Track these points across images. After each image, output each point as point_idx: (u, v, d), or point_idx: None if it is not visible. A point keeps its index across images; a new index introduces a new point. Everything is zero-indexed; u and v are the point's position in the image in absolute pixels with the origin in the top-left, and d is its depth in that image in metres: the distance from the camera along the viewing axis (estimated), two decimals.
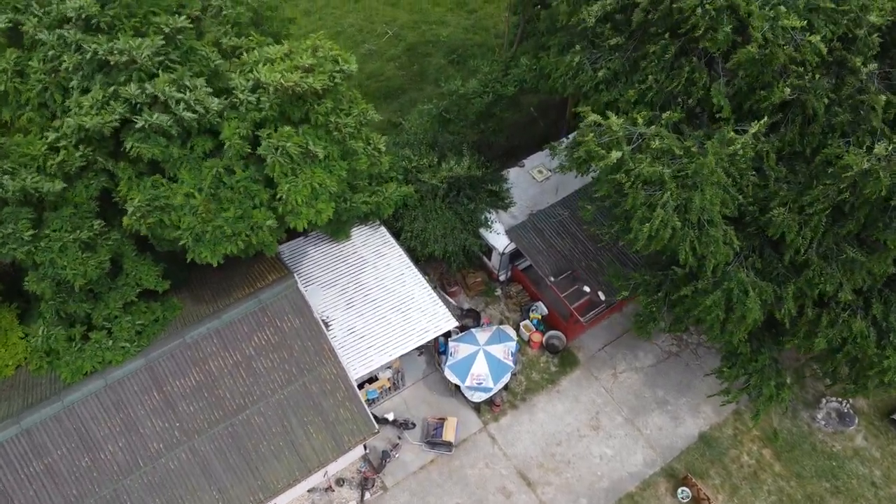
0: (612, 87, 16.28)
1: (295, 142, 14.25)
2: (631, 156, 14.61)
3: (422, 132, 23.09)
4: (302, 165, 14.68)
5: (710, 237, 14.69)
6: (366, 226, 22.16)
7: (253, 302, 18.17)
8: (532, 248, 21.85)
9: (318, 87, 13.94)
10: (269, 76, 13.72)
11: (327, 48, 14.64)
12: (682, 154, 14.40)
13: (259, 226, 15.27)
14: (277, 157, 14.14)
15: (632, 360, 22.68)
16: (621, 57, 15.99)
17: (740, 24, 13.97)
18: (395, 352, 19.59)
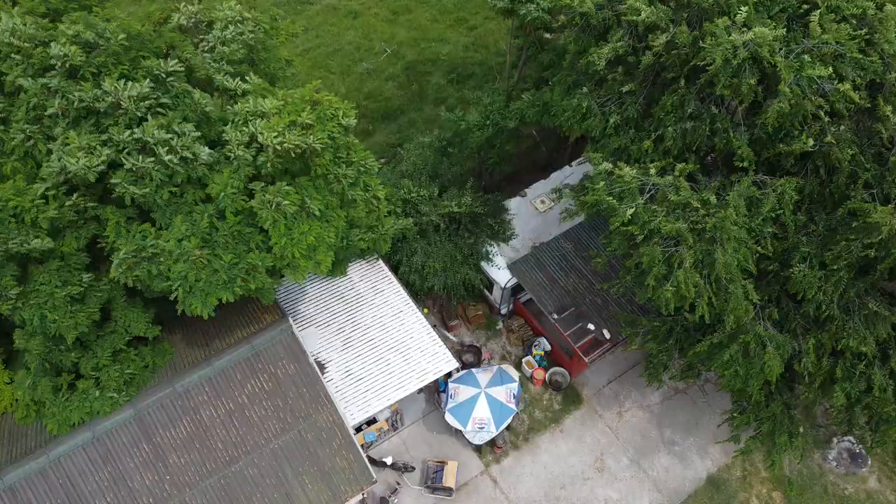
0: (623, 132, 15.61)
1: (291, 199, 13.60)
2: (644, 209, 13.96)
3: (421, 162, 22.46)
4: (298, 220, 14.03)
5: (730, 294, 14.05)
6: (363, 260, 21.52)
7: (246, 348, 17.53)
8: (535, 283, 21.21)
9: (318, 146, 13.30)
10: (268, 136, 13.06)
11: (326, 104, 13.98)
12: (699, 206, 13.74)
13: (256, 268, 14.59)
14: (272, 213, 13.49)
15: (638, 398, 22.05)
16: (634, 103, 15.32)
17: (763, 75, 13.31)
18: (394, 396, 18.97)
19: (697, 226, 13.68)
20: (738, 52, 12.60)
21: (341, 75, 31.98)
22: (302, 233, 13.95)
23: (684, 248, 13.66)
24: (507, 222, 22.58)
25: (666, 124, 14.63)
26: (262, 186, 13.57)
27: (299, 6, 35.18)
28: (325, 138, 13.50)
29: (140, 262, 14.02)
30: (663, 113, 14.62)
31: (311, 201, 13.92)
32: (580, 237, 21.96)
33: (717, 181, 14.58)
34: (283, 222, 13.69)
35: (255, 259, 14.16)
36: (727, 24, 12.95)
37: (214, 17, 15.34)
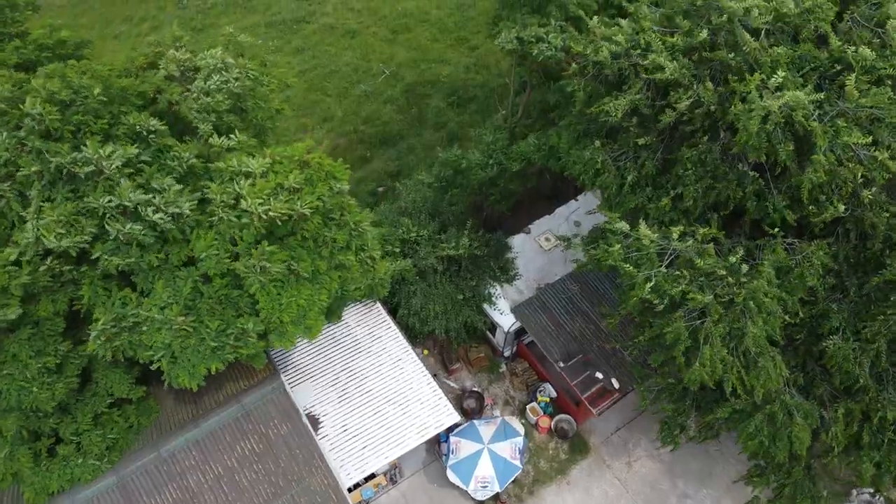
0: (640, 190, 14.61)
1: (277, 261, 12.65)
2: (666, 277, 13.00)
3: (420, 199, 21.50)
4: (287, 284, 13.10)
5: (761, 368, 13.10)
6: (360, 303, 20.59)
7: (236, 408, 16.62)
8: (539, 328, 20.26)
9: (306, 212, 12.35)
10: (253, 204, 12.11)
11: (317, 166, 13.02)
12: (726, 274, 12.77)
13: (246, 333, 13.68)
14: (257, 276, 12.54)
15: (647, 446, 21.09)
16: (651, 157, 14.31)
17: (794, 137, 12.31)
18: (392, 453, 18.02)
19: (725, 297, 12.72)
20: (770, 117, 11.62)
21: (338, 98, 31.03)
22: (291, 297, 13.02)
23: (710, 321, 12.69)
24: (510, 261, 21.63)
25: (686, 182, 13.63)
26: (247, 248, 12.62)
27: (295, 25, 34.24)
28: (314, 202, 12.56)
29: (120, 332, 13.11)
30: (682, 170, 13.62)
31: (300, 264, 12.97)
32: (587, 278, 21.00)
33: (741, 244, 13.60)
34: (270, 286, 12.75)
35: (245, 324, 13.23)
36: (757, 82, 11.96)
37: (199, 65, 14.37)
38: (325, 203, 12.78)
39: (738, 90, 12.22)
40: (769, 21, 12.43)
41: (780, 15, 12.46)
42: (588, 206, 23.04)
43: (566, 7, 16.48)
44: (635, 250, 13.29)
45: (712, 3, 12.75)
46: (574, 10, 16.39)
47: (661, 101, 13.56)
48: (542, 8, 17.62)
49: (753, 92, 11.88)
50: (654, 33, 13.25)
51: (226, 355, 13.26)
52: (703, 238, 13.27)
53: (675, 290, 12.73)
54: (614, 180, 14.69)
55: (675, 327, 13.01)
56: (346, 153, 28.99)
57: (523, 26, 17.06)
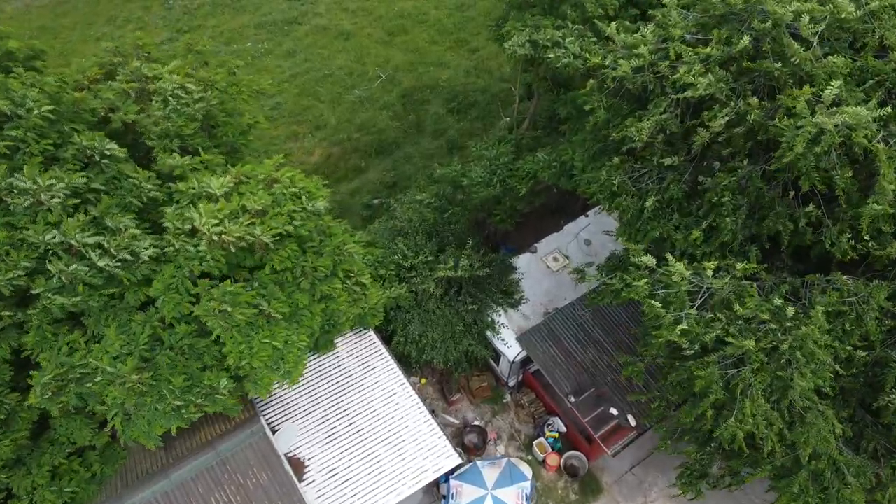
0: (665, 217, 12.84)
1: (243, 302, 10.92)
2: (698, 320, 11.27)
3: (417, 219, 19.76)
4: (256, 327, 11.37)
5: (809, 426, 11.36)
6: (352, 331, 18.84)
7: (210, 455, 14.86)
8: (548, 359, 18.52)
9: (267, 240, 10.60)
10: (205, 223, 10.37)
11: (287, 182, 11.25)
12: (769, 319, 11.04)
13: (215, 391, 12.02)
14: (219, 322, 10.81)
15: (665, 486, 19.33)
16: (677, 180, 12.52)
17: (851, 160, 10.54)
18: (385, 501, 16.27)
19: (769, 344, 10.99)
20: (824, 137, 9.84)
21: (331, 104, 29.30)
22: (263, 341, 11.29)
23: (750, 369, 10.94)
24: (514, 284, 19.90)
25: (723, 213, 11.83)
26: (208, 288, 10.89)
27: (286, 27, 32.51)
28: (283, 226, 10.81)
29: (66, 384, 11.37)
30: (718, 198, 11.83)
31: (272, 304, 11.24)
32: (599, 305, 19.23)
33: (785, 281, 11.84)
34: (235, 331, 11.01)
35: (215, 381, 11.52)
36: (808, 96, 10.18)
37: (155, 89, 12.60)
38: (298, 227, 11.02)
39: (786, 104, 10.45)
40: (823, 28, 10.67)
41: (838, 20, 10.70)
42: (599, 222, 21.37)
43: (583, 6, 14.64)
44: (663, 287, 11.57)
45: (755, 7, 10.97)
46: (593, 9, 14.54)
47: (693, 120, 11.80)
48: (556, 8, 15.82)
49: (802, 106, 10.12)
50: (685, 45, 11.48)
51: (189, 415, 11.53)
52: (743, 274, 11.54)
53: (708, 335, 11.02)
54: (633, 204, 12.92)
55: (707, 373, 11.27)
56: (340, 162, 27.34)
57: (536, 28, 15.24)
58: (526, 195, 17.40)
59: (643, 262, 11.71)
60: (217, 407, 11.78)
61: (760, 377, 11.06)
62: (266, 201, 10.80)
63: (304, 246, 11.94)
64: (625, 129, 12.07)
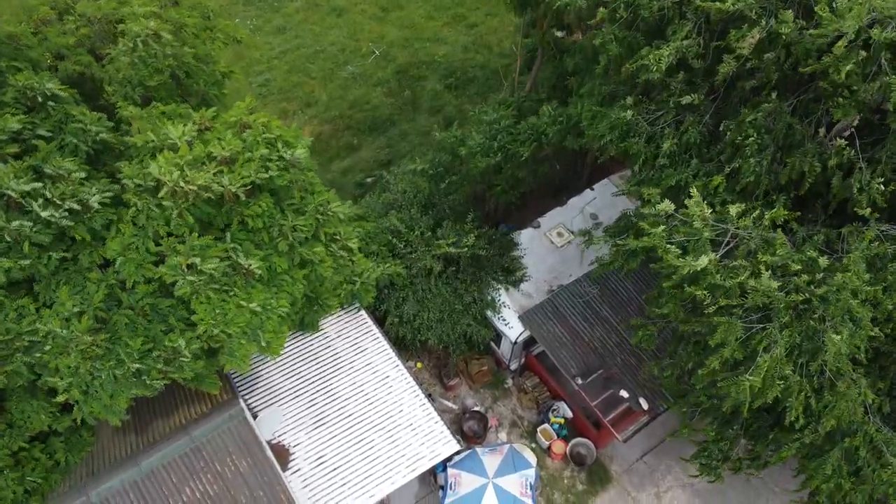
0: (682, 163, 11.53)
1: (213, 256, 9.60)
2: (719, 266, 9.98)
3: (412, 190, 18.47)
4: (230, 287, 10.04)
5: (838, 394, 10.07)
6: (342, 310, 17.54)
7: (183, 441, 13.55)
8: (553, 339, 17.22)
9: (235, 190, 9.28)
10: (164, 171, 9.06)
11: (260, 128, 9.92)
12: (800, 269, 9.74)
13: (179, 353, 10.61)
14: (187, 279, 9.48)
15: (678, 475, 18.05)
16: (696, 122, 11.19)
17: None
18: (378, 490, 14.98)
19: (798, 296, 9.69)
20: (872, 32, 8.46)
21: (322, 81, 28.01)
22: (238, 305, 9.96)
23: (775, 326, 9.65)
24: (516, 260, 18.60)
25: (746, 154, 10.54)
26: (173, 246, 9.57)
27: (276, 2, 31.21)
28: (254, 174, 9.49)
29: (13, 353, 10.06)
30: (741, 137, 10.52)
31: (248, 258, 9.92)
32: (608, 280, 17.97)
33: (819, 232, 10.56)
34: (207, 290, 9.67)
35: (176, 341, 10.18)
36: None
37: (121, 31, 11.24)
38: (274, 177, 9.70)
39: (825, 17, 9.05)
40: None
41: None
42: (605, 196, 20.06)
43: None
44: (681, 235, 10.27)
45: None
46: None
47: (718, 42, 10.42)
48: None
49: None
50: None
51: (153, 381, 10.18)
52: (772, 221, 10.23)
53: (731, 281, 9.72)
54: (646, 148, 11.57)
55: (728, 326, 9.97)
56: (332, 140, 26.07)
57: None
58: (529, 160, 16.06)
59: (660, 208, 10.41)
60: (184, 374, 10.42)
61: (787, 333, 9.74)
62: (235, 147, 9.49)
63: (283, 204, 10.63)
64: (640, 60, 10.74)
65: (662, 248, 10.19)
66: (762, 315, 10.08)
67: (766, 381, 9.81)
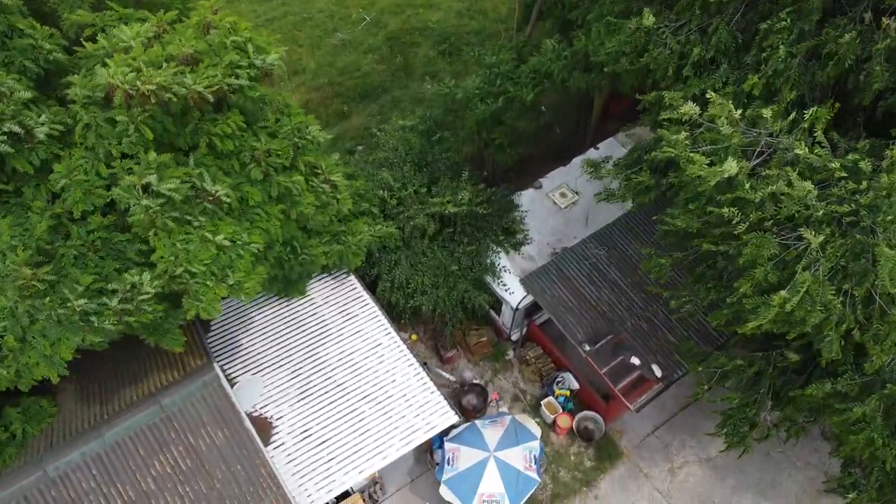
0: (707, 73, 10.22)
1: (172, 177, 8.29)
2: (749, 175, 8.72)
3: (404, 148, 17.17)
4: (194, 215, 8.72)
5: (890, 324, 8.79)
6: (329, 275, 16.25)
7: (152, 411, 12.24)
8: (557, 303, 15.94)
9: (202, 90, 7.95)
10: (117, 74, 7.73)
11: (226, 29, 8.59)
12: (844, 176, 8.48)
13: (137, 292, 9.22)
14: (142, 203, 8.15)
15: (694, 449, 16.82)
16: (726, 23, 9.86)
17: None
18: (369, 465, 13.70)
19: (842, 207, 8.43)
20: None
21: (311, 48, 26.70)
22: (203, 238, 8.63)
23: (813, 240, 8.34)
24: (517, 222, 17.32)
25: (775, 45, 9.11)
26: (128, 167, 8.24)
27: None
28: (222, 78, 8.17)
29: None
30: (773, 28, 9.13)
31: (216, 185, 8.60)
32: (616, 241, 16.72)
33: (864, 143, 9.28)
34: (164, 219, 8.34)
35: (134, 277, 8.83)
36: None
37: None
38: (245, 89, 8.38)
39: None
40: None
41: None
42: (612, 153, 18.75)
43: None
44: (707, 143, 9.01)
45: None
46: None
47: None
48: None
49: None
50: None
51: (104, 324, 8.82)
52: (813, 122, 8.93)
53: (763, 192, 8.46)
54: (669, 59, 10.24)
55: (761, 241, 8.69)
56: (320, 108, 24.74)
57: None
58: (530, 106, 14.73)
59: (683, 111, 9.11)
60: (144, 317, 9.07)
61: (830, 251, 8.45)
62: (199, 47, 8.18)
63: (255, 128, 9.31)
64: None
65: (685, 157, 8.93)
66: (799, 233, 8.79)
67: (805, 305, 8.53)
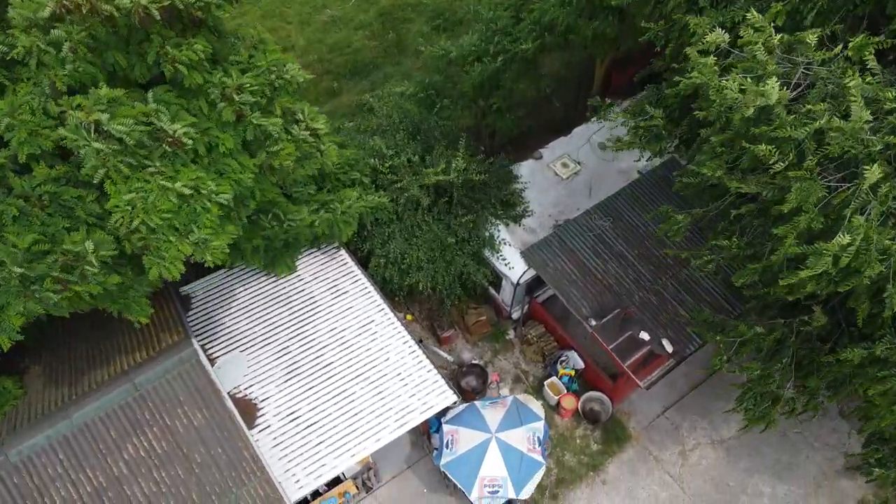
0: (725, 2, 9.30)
1: (126, 116, 7.32)
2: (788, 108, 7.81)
3: (398, 115, 16.24)
4: (153, 159, 7.75)
5: None
6: (318, 250, 15.30)
7: (125, 389, 11.29)
8: (561, 277, 15.01)
9: (146, 2, 6.96)
10: None
11: None
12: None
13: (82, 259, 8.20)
14: (92, 147, 7.19)
15: (706, 430, 15.92)
16: None
17: None
18: (362, 449, 12.76)
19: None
20: None
21: (300, 25, 25.75)
22: (161, 186, 7.66)
23: (872, 174, 7.42)
24: (517, 194, 16.39)
25: None
26: (77, 104, 7.27)
27: None
28: None
29: None
30: None
31: (176, 123, 7.62)
32: (621, 210, 15.80)
33: None
34: (117, 163, 7.36)
35: (79, 244, 7.85)
36: None
37: None
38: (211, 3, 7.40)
39: None
40: None
41: None
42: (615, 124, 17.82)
43: None
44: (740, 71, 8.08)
45: None
46: None
47: None
48: None
49: None
50: None
51: (47, 294, 7.84)
52: (860, 49, 8.00)
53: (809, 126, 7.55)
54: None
55: (807, 186, 7.75)
56: (310, 86, 23.54)
57: None
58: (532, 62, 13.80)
59: (710, 39, 8.18)
60: (91, 287, 8.11)
61: (884, 191, 7.52)
62: None
63: (226, 64, 8.35)
64: None
65: (714, 84, 8.01)
66: (848, 172, 7.86)
67: (861, 254, 7.62)
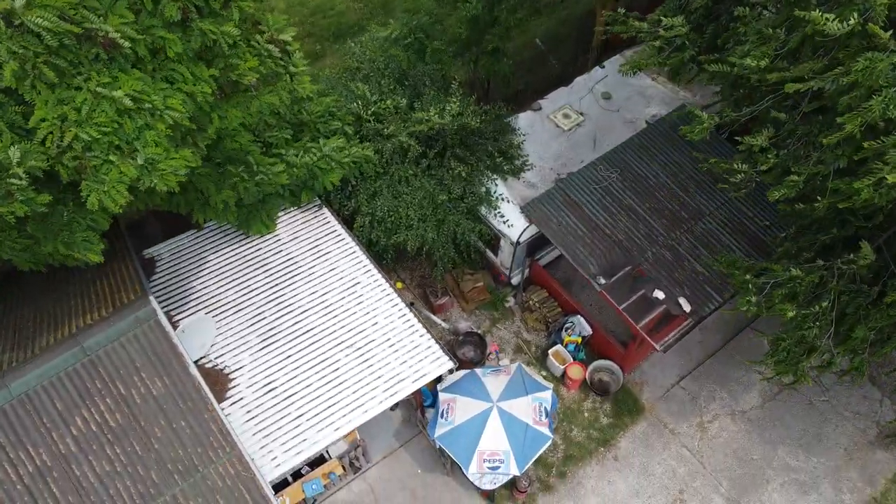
0: None
1: (46, 6, 5.89)
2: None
3: (383, 60, 14.84)
4: (84, 63, 6.32)
5: None
6: (298, 209, 13.89)
7: (72, 353, 9.83)
8: (566, 233, 13.64)
9: None
10: None
11: None
12: None
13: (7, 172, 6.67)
14: (6, 46, 5.77)
15: (725, 400, 14.60)
16: None
17: None
18: (346, 422, 11.35)
19: None
20: None
21: None
22: (94, 92, 6.25)
23: None
24: (515, 146, 15.00)
25: None
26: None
27: None
28: None
29: None
30: None
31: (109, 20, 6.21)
32: (629, 161, 14.45)
33: None
34: (40, 64, 5.96)
35: (2, 148, 6.42)
36: None
37: None
38: None
39: None
40: None
41: None
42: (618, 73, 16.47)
43: None
44: None
45: None
46: None
47: None
48: None
49: None
50: None
51: None
52: None
53: None
54: None
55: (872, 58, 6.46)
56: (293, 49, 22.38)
57: None
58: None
59: None
60: (17, 207, 6.66)
61: None
62: None
63: None
64: None
65: None
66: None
67: None
